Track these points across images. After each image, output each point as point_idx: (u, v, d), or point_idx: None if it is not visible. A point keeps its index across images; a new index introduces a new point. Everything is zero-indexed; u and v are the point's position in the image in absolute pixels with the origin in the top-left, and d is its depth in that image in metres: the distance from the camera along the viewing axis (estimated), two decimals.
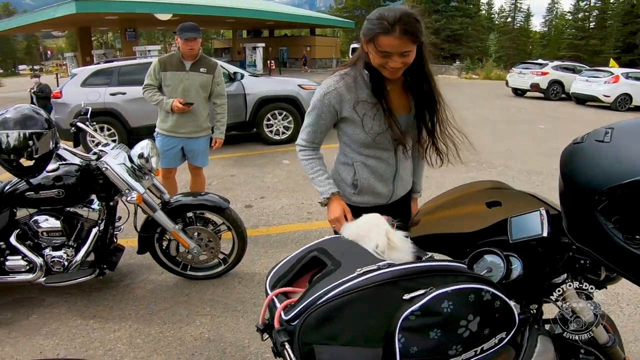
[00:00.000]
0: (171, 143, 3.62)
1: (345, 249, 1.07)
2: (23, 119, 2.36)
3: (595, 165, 0.92)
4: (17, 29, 28.22)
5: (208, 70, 3.57)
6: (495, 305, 0.94)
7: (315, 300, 0.90)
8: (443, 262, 1.00)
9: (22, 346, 2.42)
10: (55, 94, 7.22)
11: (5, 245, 2.73)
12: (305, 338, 0.88)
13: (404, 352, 0.86)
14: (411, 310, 0.86)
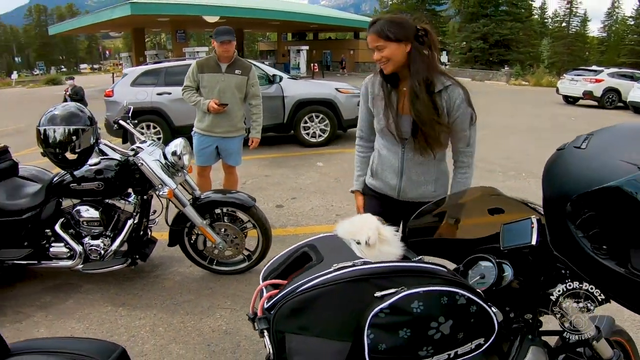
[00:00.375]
0: (207, 142, 3.77)
1: (333, 247, 1.10)
2: (69, 116, 2.57)
3: (569, 172, 0.91)
4: (79, 30, 30.12)
5: (243, 72, 3.69)
6: (470, 310, 0.93)
7: (291, 291, 0.94)
8: (422, 264, 1.00)
9: (55, 328, 2.61)
10: (108, 93, 7.65)
11: (51, 233, 2.95)
12: (279, 326, 0.92)
13: (373, 348, 0.88)
14: (381, 308, 0.88)
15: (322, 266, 1.00)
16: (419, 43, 1.72)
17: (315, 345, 0.90)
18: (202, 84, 3.66)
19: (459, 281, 0.97)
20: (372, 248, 1.07)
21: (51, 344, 1.22)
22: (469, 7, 37.26)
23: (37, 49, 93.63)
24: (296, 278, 1.00)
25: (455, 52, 39.41)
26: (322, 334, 0.90)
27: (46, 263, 2.93)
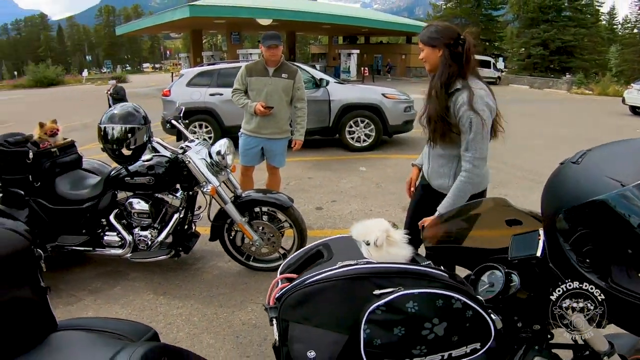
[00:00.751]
0: (253, 143, 3.92)
1: (345, 247, 1.18)
2: (126, 115, 2.79)
3: (562, 186, 0.93)
4: (143, 30, 31.90)
5: (289, 75, 3.81)
6: (466, 314, 0.96)
7: (298, 284, 1.03)
8: (422, 267, 1.05)
9: (102, 312, 2.84)
10: (165, 92, 8.09)
11: (106, 222, 3.20)
12: (284, 315, 1.01)
13: (368, 342, 0.94)
14: (377, 305, 0.93)
15: (329, 263, 1.09)
16: (454, 49, 1.94)
17: (314, 335, 0.98)
18: (250, 87, 3.80)
19: (457, 286, 1.00)
20: (379, 249, 1.12)
21: (91, 322, 1.38)
22: (528, 12, 35.60)
23: (105, 48, 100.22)
24: (305, 272, 1.08)
25: (512, 58, 37.89)
26: (322, 325, 0.98)
27: (100, 250, 3.19)
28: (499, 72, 31.00)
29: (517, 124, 10.63)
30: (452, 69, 1.94)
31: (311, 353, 0.96)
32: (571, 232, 0.87)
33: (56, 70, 34.98)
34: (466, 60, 1.94)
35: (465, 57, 1.93)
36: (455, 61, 1.94)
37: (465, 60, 1.94)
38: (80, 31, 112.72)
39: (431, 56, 2.00)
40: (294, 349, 0.98)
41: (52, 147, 3.28)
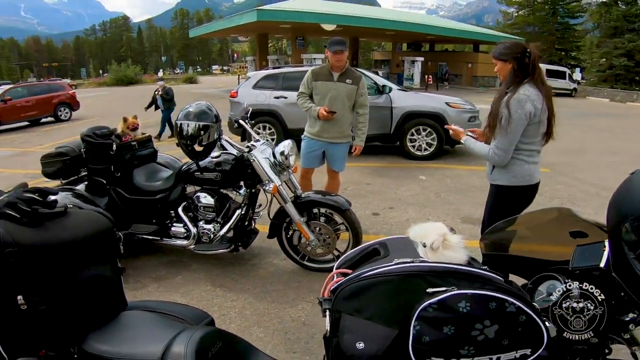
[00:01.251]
0: (315, 146, 4.00)
1: (401, 247, 1.20)
2: (200, 113, 2.97)
3: (630, 195, 0.91)
4: (213, 33, 33.42)
5: (353, 81, 3.84)
6: (519, 319, 0.96)
7: (353, 277, 1.07)
8: (477, 269, 1.05)
9: (163, 299, 2.99)
10: (232, 94, 8.46)
11: (174, 214, 3.41)
12: (337, 307, 1.05)
13: (417, 339, 0.95)
14: (430, 303, 0.95)
15: (385, 260, 1.12)
16: (521, 61, 2.28)
17: (365, 327, 1.01)
18: (315, 91, 3.89)
19: (513, 290, 1.00)
20: (435, 252, 1.14)
21: (156, 305, 1.51)
22: (611, 20, 33.00)
23: (179, 50, 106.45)
24: (361, 267, 1.12)
25: (591, 69, 35.32)
26: (373, 318, 1.01)
27: (166, 240, 3.40)
28: (575, 84, 29.03)
29: (594, 139, 9.93)
30: (518, 78, 2.30)
31: (360, 344, 1.00)
32: (638, 241, 0.85)
33: (135, 70, 37.69)
34: (532, 69, 2.29)
35: (532, 67, 2.28)
36: (522, 71, 2.30)
37: (532, 70, 2.29)
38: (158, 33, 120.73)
39: (503, 69, 2.36)
40: (344, 339, 1.02)
41: (132, 141, 3.56)
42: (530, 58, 2.27)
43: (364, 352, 1.00)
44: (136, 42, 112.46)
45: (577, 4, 40.90)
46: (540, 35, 42.01)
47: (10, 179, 6.90)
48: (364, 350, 1.00)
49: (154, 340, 1.24)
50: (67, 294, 1.30)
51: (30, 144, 10.57)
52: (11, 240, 1.16)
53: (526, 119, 2.25)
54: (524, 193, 2.47)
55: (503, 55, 2.33)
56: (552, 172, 6.71)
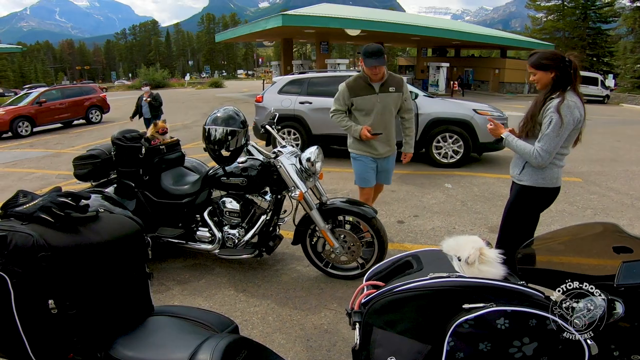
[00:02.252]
0: (370, 163, 3.59)
1: (435, 260, 1.18)
2: (227, 118, 2.98)
3: None
4: (238, 38, 33.89)
5: (397, 88, 3.48)
6: (560, 337, 0.93)
7: (387, 291, 1.04)
8: (516, 285, 1.02)
9: (186, 302, 3.04)
10: (258, 99, 8.52)
11: (200, 218, 3.43)
12: (369, 319, 1.03)
13: (450, 355, 0.93)
14: (466, 319, 0.93)
15: (419, 274, 1.09)
16: (564, 70, 2.38)
17: (397, 342, 0.99)
18: (356, 108, 3.47)
19: (554, 308, 0.97)
20: (471, 266, 1.10)
21: (182, 310, 1.51)
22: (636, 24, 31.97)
23: (205, 54, 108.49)
24: (394, 280, 1.10)
25: (625, 75, 34.19)
26: (406, 333, 0.99)
27: (191, 244, 3.42)
28: (607, 90, 28.13)
29: (627, 148, 9.56)
30: (560, 86, 2.40)
31: (392, 359, 0.98)
32: None
33: (163, 74, 38.59)
34: (575, 77, 2.39)
35: (574, 76, 2.39)
36: (565, 80, 2.39)
37: (574, 78, 2.39)
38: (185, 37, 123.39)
39: (544, 78, 2.43)
40: (374, 352, 1.00)
41: (161, 145, 3.60)
42: (572, 67, 2.38)
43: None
44: (164, 46, 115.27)
45: (610, 8, 39.73)
46: (571, 40, 40.99)
47: (43, 180, 7.12)
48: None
49: (180, 348, 1.23)
50: (97, 299, 1.31)
51: (63, 145, 10.92)
52: (44, 244, 1.17)
53: (574, 124, 2.36)
54: (548, 195, 2.60)
55: (545, 65, 2.42)
56: (584, 182, 6.49)
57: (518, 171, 2.63)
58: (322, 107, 7.67)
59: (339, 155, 8.28)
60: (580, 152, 8.71)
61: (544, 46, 33.82)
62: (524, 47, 33.48)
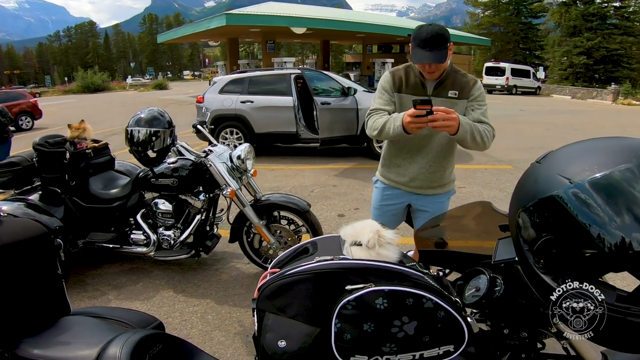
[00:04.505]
0: (394, 197, 2.49)
1: (330, 245, 1.21)
2: (151, 119, 2.95)
3: (523, 186, 0.93)
4: (182, 38, 32.99)
5: (461, 92, 2.22)
6: (437, 315, 0.96)
7: (276, 276, 1.06)
8: (397, 265, 1.05)
9: (123, 306, 2.96)
10: (199, 99, 8.37)
11: (133, 221, 3.36)
12: (261, 306, 1.05)
13: (338, 336, 0.96)
14: (348, 300, 0.95)
15: (309, 258, 1.12)
16: None
17: (286, 325, 1.01)
18: (399, 109, 2.25)
19: (430, 286, 1.00)
20: (371, 250, 1.14)
21: (102, 310, 1.49)
22: (570, 20, 34.28)
23: (148, 55, 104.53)
24: (285, 266, 1.13)
25: (554, 67, 36.59)
26: (295, 317, 1.01)
27: (126, 248, 3.35)
28: (539, 82, 30.01)
29: (555, 136, 10.28)
30: None
31: (282, 343, 1.00)
32: (528, 231, 0.87)
33: (102, 77, 36.80)
34: None
35: None
36: None
37: None
38: (125, 39, 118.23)
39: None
40: (266, 337, 1.02)
41: (87, 149, 3.49)
42: None
43: (286, 350, 1.00)
44: (103, 48, 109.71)
45: (540, 4, 42.34)
46: (505, 35, 43.30)
47: None
48: (285, 349, 1.00)
49: (90, 344, 1.23)
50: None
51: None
52: None
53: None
54: None
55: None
56: (514, 169, 6.93)
57: None
58: (264, 105, 7.69)
59: (283, 153, 8.32)
60: (511, 141, 9.27)
61: (482, 41, 35.56)
62: (463, 42, 34.98)
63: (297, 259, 1.21)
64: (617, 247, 0.75)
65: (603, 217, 0.76)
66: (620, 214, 0.75)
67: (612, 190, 0.77)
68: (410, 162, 2.25)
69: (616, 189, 0.77)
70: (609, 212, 0.76)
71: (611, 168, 0.78)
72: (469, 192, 5.63)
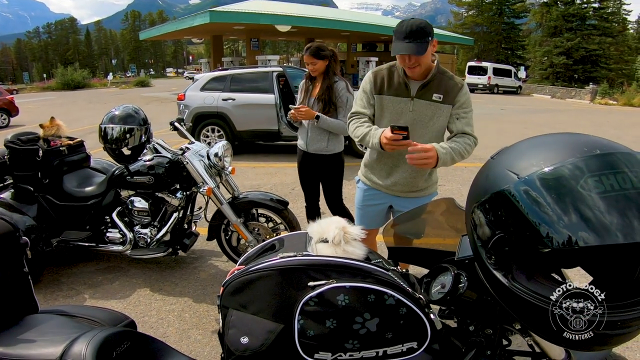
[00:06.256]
0: (376, 198, 2.51)
1: (296, 242, 1.21)
2: (125, 116, 2.91)
3: (476, 182, 0.94)
4: (165, 35, 32.54)
5: (445, 96, 2.14)
6: (399, 311, 0.96)
7: (240, 273, 1.06)
8: (359, 262, 1.04)
9: (99, 305, 2.93)
10: (180, 96, 8.28)
11: (109, 219, 3.32)
12: (225, 302, 1.05)
13: (301, 333, 0.96)
14: (310, 296, 0.95)
15: (273, 255, 1.12)
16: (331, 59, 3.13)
17: (249, 322, 1.01)
18: (379, 111, 2.26)
19: (392, 283, 1.01)
20: (337, 246, 1.15)
21: (71, 309, 1.47)
22: (551, 20, 34.94)
23: (130, 52, 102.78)
24: (249, 263, 1.12)
25: (535, 67, 37.24)
26: (258, 313, 1.01)
27: (102, 246, 3.30)
28: (520, 82, 30.48)
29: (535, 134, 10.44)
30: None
31: (244, 339, 1.00)
32: (485, 228, 0.87)
33: (83, 74, 36.04)
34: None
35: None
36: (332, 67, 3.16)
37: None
38: (107, 35, 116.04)
39: (322, 66, 3.12)
40: (229, 334, 1.01)
41: (62, 146, 3.43)
42: (334, 57, 3.16)
43: (248, 346, 1.00)
44: (84, 45, 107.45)
45: (522, 4, 43.02)
46: (488, 34, 43.86)
47: None
48: (248, 345, 1.00)
49: (55, 342, 1.21)
50: None
51: None
52: None
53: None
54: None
55: (322, 55, 3.06)
56: None
57: (325, 144, 3.16)
58: (246, 103, 7.64)
59: (264, 150, 8.29)
60: (491, 140, 9.39)
61: (465, 41, 35.95)
62: (447, 41, 35.32)
63: (262, 255, 1.20)
64: (564, 242, 0.75)
65: (549, 212, 0.77)
66: (566, 208, 0.76)
67: (557, 185, 0.78)
68: (392, 167, 2.24)
69: (561, 183, 0.78)
70: (555, 206, 0.76)
71: (558, 163, 0.79)
72: (449, 190, 5.70)
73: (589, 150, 0.80)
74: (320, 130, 3.14)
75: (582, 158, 0.79)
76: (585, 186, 0.76)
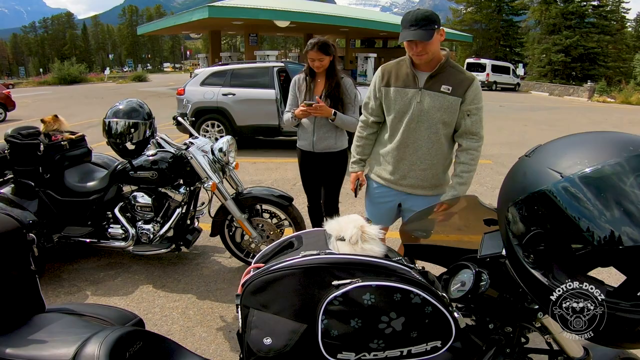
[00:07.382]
0: (386, 195, 2.56)
1: (315, 240, 1.17)
2: (130, 110, 2.87)
3: (511, 180, 0.92)
4: (162, 30, 32.34)
5: (455, 88, 2.16)
6: (425, 310, 0.94)
7: (261, 272, 1.04)
8: (384, 260, 1.03)
9: (101, 302, 2.89)
10: (179, 91, 8.23)
11: (111, 215, 3.28)
12: (245, 302, 1.02)
13: (325, 333, 0.93)
14: (335, 296, 0.93)
15: (294, 253, 1.09)
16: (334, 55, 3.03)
17: (272, 322, 0.98)
18: (387, 103, 2.34)
19: (418, 281, 0.99)
20: (355, 245, 1.12)
21: (79, 307, 1.44)
22: (550, 18, 34.93)
23: (127, 47, 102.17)
24: (269, 261, 1.09)
25: (533, 64, 37.26)
26: (280, 313, 0.98)
27: (104, 242, 3.26)
28: (518, 79, 30.51)
29: (533, 132, 10.47)
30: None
31: (267, 340, 0.97)
32: (518, 226, 0.86)
33: (79, 68, 35.81)
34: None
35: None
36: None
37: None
38: (104, 30, 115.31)
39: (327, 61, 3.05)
40: (251, 334, 0.99)
41: (63, 141, 3.38)
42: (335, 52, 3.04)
43: (272, 347, 0.97)
44: (81, 40, 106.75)
45: (521, 1, 42.96)
46: (487, 32, 43.84)
47: None
48: (272, 346, 0.97)
49: (67, 343, 1.18)
50: None
51: None
52: None
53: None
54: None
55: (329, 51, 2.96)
56: (494, 164, 7.03)
57: (334, 141, 3.07)
58: (246, 98, 7.60)
59: (265, 146, 8.25)
60: (491, 137, 9.39)
61: (464, 37, 35.90)
62: (446, 38, 35.16)
63: (281, 253, 1.17)
64: (607, 241, 0.75)
65: (593, 212, 0.76)
66: (610, 208, 0.76)
67: (602, 185, 0.77)
68: (399, 159, 2.25)
69: (606, 183, 0.77)
70: (599, 206, 0.76)
71: (601, 162, 0.79)
72: None
73: (635, 149, 0.79)
74: (327, 128, 3.03)
75: (628, 157, 0.78)
76: (632, 185, 0.75)
